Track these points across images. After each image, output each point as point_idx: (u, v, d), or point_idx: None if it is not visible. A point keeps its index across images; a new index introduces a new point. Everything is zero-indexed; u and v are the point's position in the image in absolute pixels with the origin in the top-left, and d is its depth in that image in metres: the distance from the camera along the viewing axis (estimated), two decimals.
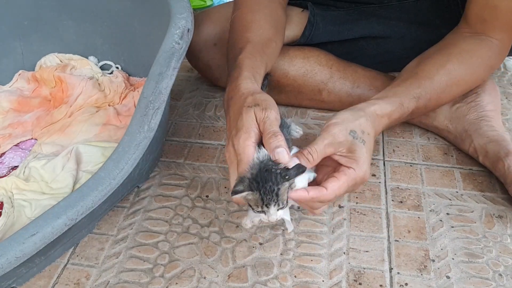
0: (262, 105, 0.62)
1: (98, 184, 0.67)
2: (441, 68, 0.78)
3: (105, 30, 1.09)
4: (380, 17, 0.97)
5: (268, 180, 0.57)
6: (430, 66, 0.79)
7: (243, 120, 0.62)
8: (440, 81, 0.78)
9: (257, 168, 0.58)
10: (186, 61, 1.03)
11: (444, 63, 0.79)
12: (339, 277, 0.69)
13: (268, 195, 0.57)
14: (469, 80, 0.82)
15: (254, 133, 0.61)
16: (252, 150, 0.60)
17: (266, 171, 0.58)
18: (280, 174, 0.57)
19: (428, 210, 0.79)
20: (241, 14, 0.82)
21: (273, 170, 0.58)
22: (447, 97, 0.82)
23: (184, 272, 0.71)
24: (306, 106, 1.02)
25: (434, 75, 0.78)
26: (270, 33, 0.80)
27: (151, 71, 0.75)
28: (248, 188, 0.58)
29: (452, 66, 0.79)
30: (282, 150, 0.58)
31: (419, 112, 0.79)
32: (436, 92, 0.78)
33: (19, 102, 1.05)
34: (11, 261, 0.59)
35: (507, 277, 0.68)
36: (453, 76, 0.79)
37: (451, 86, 0.79)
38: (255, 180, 0.58)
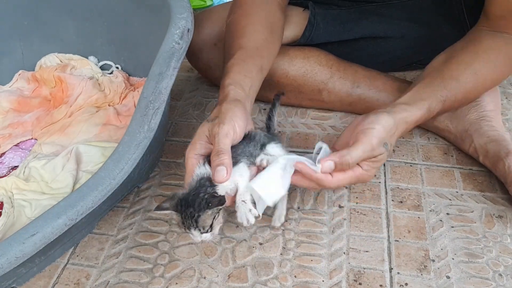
0: (219, 119, 0.64)
1: (98, 184, 0.67)
2: (468, 68, 0.77)
3: (105, 30, 1.09)
4: (381, 16, 0.97)
5: (190, 206, 0.59)
6: (457, 65, 0.78)
7: (196, 133, 0.65)
8: (466, 81, 0.77)
9: (190, 189, 0.61)
10: (186, 61, 1.03)
11: (470, 62, 0.78)
12: (339, 277, 0.69)
13: (187, 220, 0.59)
14: (494, 79, 0.82)
15: (200, 146, 0.64)
16: (193, 161, 0.63)
17: (194, 195, 0.60)
18: (206, 201, 0.59)
19: (428, 210, 0.79)
20: (235, 19, 0.82)
21: (201, 195, 0.59)
22: (473, 96, 0.81)
23: (184, 272, 0.71)
24: (306, 106, 1.02)
25: (460, 75, 0.77)
26: (265, 35, 0.80)
27: (151, 71, 0.75)
28: (173, 207, 0.60)
29: (478, 65, 0.78)
30: (222, 168, 0.59)
31: (443, 112, 0.79)
32: (462, 93, 0.77)
33: (19, 102, 1.05)
34: (11, 261, 0.59)
35: (507, 277, 0.68)
36: (479, 76, 0.78)
37: (477, 85, 0.78)
38: (181, 202, 0.60)
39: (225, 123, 0.63)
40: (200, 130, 0.65)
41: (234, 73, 0.71)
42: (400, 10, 0.97)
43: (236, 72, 0.72)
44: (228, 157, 0.61)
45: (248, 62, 0.74)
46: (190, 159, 0.64)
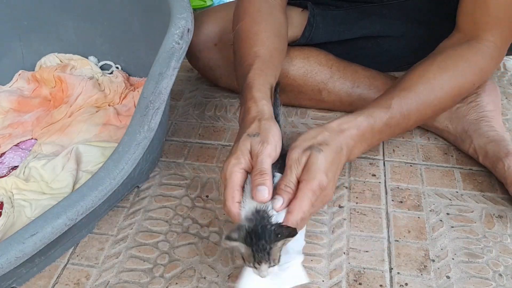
0: (262, 136, 0.62)
1: (98, 184, 0.67)
2: (419, 78, 0.76)
3: (105, 30, 1.09)
4: (380, 16, 0.97)
5: (262, 238, 0.56)
6: (410, 77, 0.77)
7: (238, 146, 0.62)
8: (418, 90, 0.75)
9: (254, 221, 0.57)
10: (186, 61, 1.03)
11: (423, 72, 0.77)
12: (339, 277, 0.69)
13: (260, 253, 0.56)
14: (455, 88, 0.78)
15: (245, 161, 0.61)
16: (239, 176, 0.60)
17: (262, 227, 0.56)
18: (274, 232, 0.56)
19: (428, 210, 0.79)
20: (245, 26, 0.81)
21: (268, 227, 0.56)
22: (432, 107, 0.78)
23: (184, 272, 0.71)
24: (306, 106, 1.02)
25: (411, 86, 0.75)
26: (276, 42, 0.80)
27: (151, 71, 0.75)
28: (243, 240, 0.57)
29: (432, 75, 0.76)
30: (263, 188, 0.58)
31: (403, 124, 0.75)
32: (415, 102, 0.74)
33: (19, 102, 1.05)
34: (11, 261, 0.60)
35: (507, 277, 0.68)
36: (435, 85, 0.76)
37: (433, 95, 0.76)
38: (250, 234, 0.56)
39: (269, 142, 0.61)
40: (242, 145, 0.62)
41: (261, 85, 0.70)
42: (399, 10, 0.97)
43: (261, 84, 0.70)
44: (270, 178, 0.59)
45: (268, 73, 0.73)
46: (235, 174, 0.61)
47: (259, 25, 0.80)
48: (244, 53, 0.77)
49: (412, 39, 0.99)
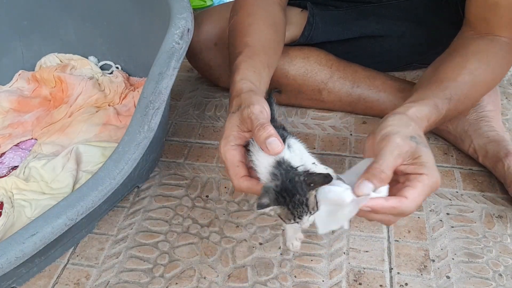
0: (244, 104, 0.59)
1: (98, 184, 0.67)
2: (462, 69, 0.74)
3: (105, 30, 1.09)
4: (379, 16, 0.97)
5: (295, 193, 0.53)
6: (450, 69, 0.75)
7: (225, 126, 0.61)
8: (464, 81, 0.73)
9: (279, 177, 0.54)
10: (186, 61, 1.03)
11: (463, 63, 0.75)
12: (339, 277, 0.69)
13: (298, 208, 0.54)
14: (490, 79, 0.78)
15: (234, 137, 0.59)
16: (233, 153, 0.59)
17: (290, 181, 0.53)
18: (305, 182, 0.53)
19: (428, 210, 0.79)
20: (239, 19, 0.82)
21: (297, 179, 0.53)
22: (474, 97, 0.78)
23: (184, 272, 0.71)
24: (306, 106, 1.02)
25: (457, 77, 0.73)
26: (270, 34, 0.80)
27: (151, 71, 0.75)
28: (275, 202, 0.54)
29: (472, 65, 0.75)
30: (273, 139, 0.55)
31: (450, 115, 0.73)
32: (463, 93, 0.73)
33: (19, 102, 1.05)
34: (11, 261, 0.60)
35: (507, 277, 0.68)
36: (476, 75, 0.75)
37: (475, 85, 0.75)
38: (280, 193, 0.54)
39: (254, 103, 0.59)
40: (229, 123, 0.60)
41: (243, 69, 0.69)
42: (397, 10, 0.97)
43: (245, 68, 0.69)
44: (272, 128, 0.56)
45: (255, 59, 0.72)
46: (229, 151, 0.59)
47: (253, 18, 0.80)
48: (236, 43, 0.77)
49: (411, 39, 0.99)
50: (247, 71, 0.69)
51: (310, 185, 0.53)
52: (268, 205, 0.54)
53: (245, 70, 0.69)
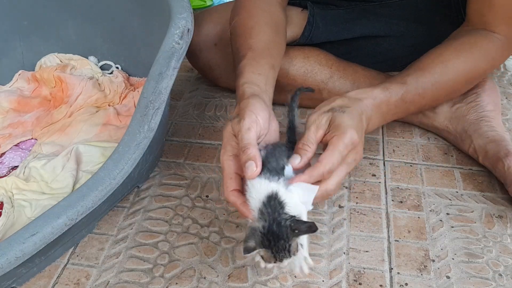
0: (240, 115, 0.62)
1: (98, 184, 0.67)
2: (436, 59, 0.78)
3: (105, 30, 1.09)
4: (380, 15, 0.97)
5: (280, 238, 0.55)
6: (426, 58, 0.79)
7: (223, 135, 0.64)
8: (435, 71, 0.77)
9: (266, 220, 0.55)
10: (186, 61, 1.03)
11: (439, 54, 0.79)
12: (339, 277, 0.69)
13: (281, 252, 0.56)
14: (469, 72, 0.81)
15: (231, 147, 0.62)
16: (229, 164, 0.62)
17: (277, 225, 0.55)
18: (291, 228, 0.55)
19: (428, 210, 0.79)
20: (240, 20, 0.82)
21: (283, 223, 0.55)
22: (446, 88, 0.80)
23: (184, 272, 0.71)
24: (306, 106, 1.02)
25: (428, 66, 0.77)
26: (272, 35, 0.80)
27: (151, 71, 0.75)
28: (260, 245, 0.56)
29: (448, 57, 0.78)
30: (250, 163, 0.58)
31: (417, 101, 0.77)
32: (430, 82, 0.77)
33: (19, 102, 1.05)
34: (11, 261, 0.60)
35: (507, 277, 0.68)
36: (449, 67, 0.78)
37: (447, 76, 0.78)
38: (266, 236, 0.55)
39: (245, 117, 0.61)
40: (226, 132, 0.64)
41: (247, 72, 0.70)
42: (399, 9, 0.97)
43: (249, 71, 0.71)
44: (255, 150, 0.59)
45: (260, 61, 0.73)
46: (226, 161, 0.62)
47: (255, 19, 0.81)
48: (239, 47, 0.78)
49: (412, 39, 0.99)
50: (251, 74, 0.70)
51: (294, 231, 0.55)
52: (254, 249, 0.56)
53: (249, 73, 0.70)
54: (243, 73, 0.71)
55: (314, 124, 0.63)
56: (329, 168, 0.59)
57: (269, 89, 0.72)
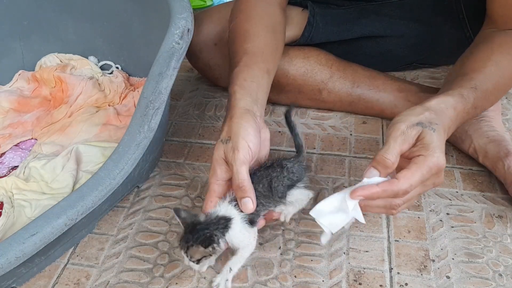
0: (232, 142, 0.63)
1: (98, 184, 0.67)
2: (487, 61, 0.74)
3: (105, 30, 1.09)
4: (381, 15, 0.97)
5: (191, 233, 0.61)
6: (475, 62, 0.75)
7: (213, 155, 0.66)
8: (491, 72, 0.73)
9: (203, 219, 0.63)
10: (186, 61, 1.03)
11: (488, 55, 0.75)
12: (339, 277, 0.69)
13: (182, 242, 0.62)
14: None
15: (220, 171, 0.65)
16: (215, 187, 0.65)
17: (202, 226, 0.62)
18: (204, 238, 0.61)
19: (428, 210, 0.79)
20: (238, 24, 0.82)
21: (205, 230, 0.61)
22: (502, 88, 0.77)
23: (184, 272, 0.71)
24: (306, 106, 1.02)
25: (482, 68, 0.73)
26: (268, 38, 0.80)
27: (151, 71, 0.75)
28: (184, 224, 0.63)
29: (497, 57, 0.75)
30: (247, 200, 0.62)
31: (481, 106, 0.73)
32: (491, 83, 0.73)
33: (19, 102, 1.05)
34: (11, 261, 0.60)
35: (507, 277, 0.68)
36: (501, 67, 0.74)
37: (502, 76, 0.75)
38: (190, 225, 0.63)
39: (239, 149, 0.62)
40: (217, 154, 0.65)
41: (240, 80, 0.71)
42: (399, 9, 0.97)
43: (242, 79, 0.71)
44: (250, 187, 0.62)
45: (253, 67, 0.73)
46: (212, 185, 0.65)
47: (252, 22, 0.81)
48: (234, 51, 0.78)
49: (413, 39, 0.99)
50: (244, 81, 0.71)
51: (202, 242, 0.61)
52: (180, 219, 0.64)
53: (242, 80, 0.71)
54: (236, 80, 0.71)
55: (402, 136, 0.59)
56: (406, 188, 0.57)
57: (262, 95, 0.72)
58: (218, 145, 0.65)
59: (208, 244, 0.61)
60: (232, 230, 0.63)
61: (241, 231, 0.64)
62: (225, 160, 0.65)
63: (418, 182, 0.58)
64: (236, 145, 0.63)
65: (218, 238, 0.61)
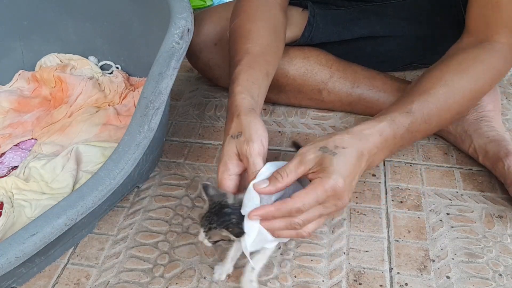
0: (245, 135, 0.62)
1: (98, 184, 0.67)
2: (437, 81, 0.73)
3: (105, 30, 1.09)
4: (381, 15, 0.97)
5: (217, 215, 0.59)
6: (427, 81, 0.75)
7: (224, 151, 0.64)
8: (438, 94, 0.72)
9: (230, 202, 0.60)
10: (186, 61, 1.03)
11: (441, 75, 0.74)
12: (339, 277, 0.69)
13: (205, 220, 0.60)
14: (474, 90, 0.76)
15: (233, 166, 0.63)
16: (228, 183, 0.62)
17: (229, 209, 0.59)
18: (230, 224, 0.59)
19: (428, 210, 0.79)
20: (239, 23, 0.82)
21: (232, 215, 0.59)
22: (452, 111, 0.75)
23: (184, 272, 0.71)
24: (306, 106, 1.02)
25: (430, 89, 0.73)
26: (270, 39, 0.80)
27: (151, 71, 0.75)
28: (210, 201, 0.61)
29: (449, 77, 0.74)
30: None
31: (423, 129, 0.72)
32: (435, 106, 0.72)
33: (19, 102, 1.06)
34: (11, 261, 0.60)
35: (507, 277, 0.68)
36: (453, 88, 0.73)
37: (453, 98, 0.73)
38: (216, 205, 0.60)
39: (253, 140, 0.61)
40: (228, 149, 0.63)
41: (243, 80, 0.71)
42: (399, 9, 0.97)
43: (245, 79, 0.71)
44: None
45: (255, 68, 0.73)
46: (225, 181, 0.63)
47: (253, 23, 0.80)
48: (235, 51, 0.78)
49: (412, 39, 0.99)
50: (247, 82, 0.70)
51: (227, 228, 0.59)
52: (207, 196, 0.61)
53: (244, 81, 0.70)
54: (238, 79, 0.71)
55: (299, 157, 0.61)
56: (299, 207, 0.58)
57: (260, 100, 0.72)
58: (229, 140, 0.64)
59: (235, 231, 0.58)
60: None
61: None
62: (236, 155, 0.63)
63: (312, 201, 0.58)
64: (250, 137, 0.62)
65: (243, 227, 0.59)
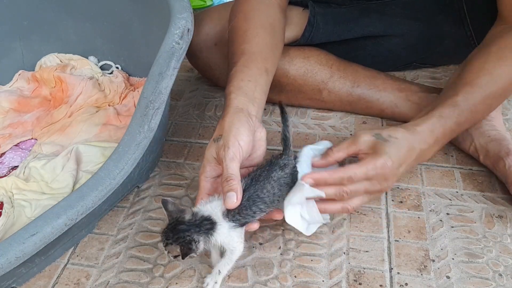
0: (224, 139, 0.65)
1: (98, 184, 0.67)
2: (480, 71, 0.75)
3: (105, 30, 1.09)
4: (382, 14, 0.97)
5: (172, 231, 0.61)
6: (469, 71, 0.76)
7: (205, 154, 0.67)
8: (482, 84, 0.74)
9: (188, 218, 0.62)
10: (186, 61, 1.03)
11: (483, 65, 0.75)
12: (339, 277, 0.69)
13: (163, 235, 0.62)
14: None
15: (210, 169, 0.66)
16: (205, 184, 0.66)
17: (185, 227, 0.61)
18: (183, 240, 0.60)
19: (428, 210, 0.79)
20: (236, 24, 0.82)
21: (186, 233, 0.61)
22: (499, 96, 0.77)
23: (184, 272, 0.71)
24: (306, 105, 1.02)
25: (474, 79, 0.74)
26: (267, 38, 0.80)
27: (151, 71, 0.75)
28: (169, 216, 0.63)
29: (492, 65, 0.75)
30: (232, 194, 0.61)
31: (471, 118, 0.75)
32: (481, 96, 0.74)
33: (19, 102, 1.06)
34: (11, 261, 0.60)
35: (507, 277, 0.68)
36: (496, 76, 0.74)
37: (496, 86, 0.75)
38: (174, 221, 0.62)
39: (229, 146, 0.63)
40: (208, 153, 0.66)
41: (237, 80, 0.72)
42: (400, 8, 0.97)
43: (239, 79, 0.72)
44: (237, 182, 0.62)
45: (251, 67, 0.74)
46: (202, 182, 0.67)
47: (250, 22, 0.81)
48: (233, 52, 0.78)
49: (413, 38, 0.99)
50: (240, 81, 0.72)
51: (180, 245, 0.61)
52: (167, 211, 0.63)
53: (238, 81, 0.72)
54: (232, 80, 0.72)
55: (353, 138, 0.67)
56: (350, 175, 0.63)
57: (259, 95, 0.72)
58: (210, 144, 0.67)
59: (186, 248, 0.61)
60: (217, 233, 0.62)
61: (229, 233, 0.63)
62: (216, 159, 0.66)
63: (363, 174, 0.64)
64: (227, 142, 0.64)
65: (197, 243, 0.61)
